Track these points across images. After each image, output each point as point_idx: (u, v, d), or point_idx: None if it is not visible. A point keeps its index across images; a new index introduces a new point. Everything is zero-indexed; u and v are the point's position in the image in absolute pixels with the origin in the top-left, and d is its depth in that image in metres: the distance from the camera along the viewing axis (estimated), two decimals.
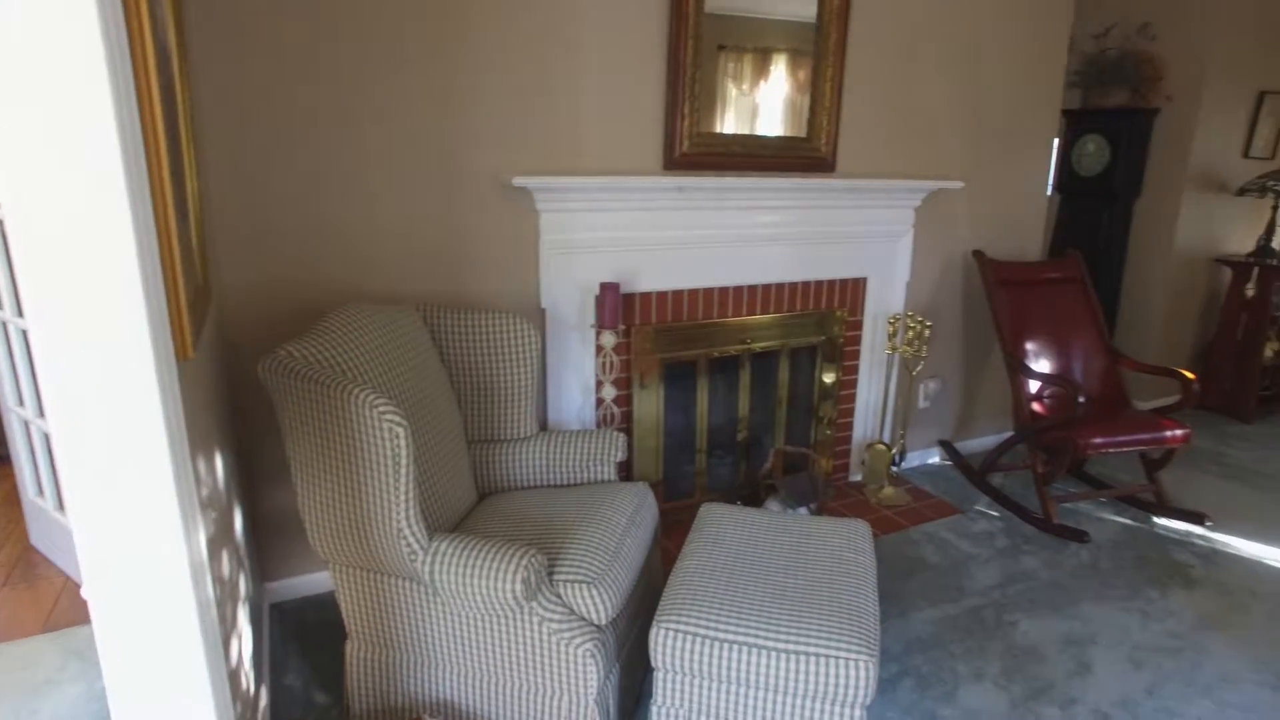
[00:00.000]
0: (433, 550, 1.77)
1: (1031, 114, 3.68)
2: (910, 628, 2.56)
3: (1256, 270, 4.57)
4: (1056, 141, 4.66)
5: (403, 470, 1.70)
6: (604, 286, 2.68)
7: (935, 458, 3.94)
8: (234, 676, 1.55)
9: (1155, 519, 3.40)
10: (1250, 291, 4.60)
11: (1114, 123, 4.61)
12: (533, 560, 1.76)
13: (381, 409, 1.66)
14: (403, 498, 1.72)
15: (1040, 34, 3.58)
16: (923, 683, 2.30)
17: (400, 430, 1.68)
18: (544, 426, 2.87)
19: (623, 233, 2.81)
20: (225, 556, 1.67)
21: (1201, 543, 3.20)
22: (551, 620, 1.82)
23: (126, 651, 1.10)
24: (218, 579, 1.50)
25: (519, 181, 2.51)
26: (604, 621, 1.87)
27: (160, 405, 1.02)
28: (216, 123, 2.19)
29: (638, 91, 2.73)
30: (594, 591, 1.84)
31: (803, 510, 2.95)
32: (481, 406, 2.44)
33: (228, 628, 1.56)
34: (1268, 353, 4.70)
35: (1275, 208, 4.58)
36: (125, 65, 1.00)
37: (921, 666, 2.37)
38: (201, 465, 1.48)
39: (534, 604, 1.80)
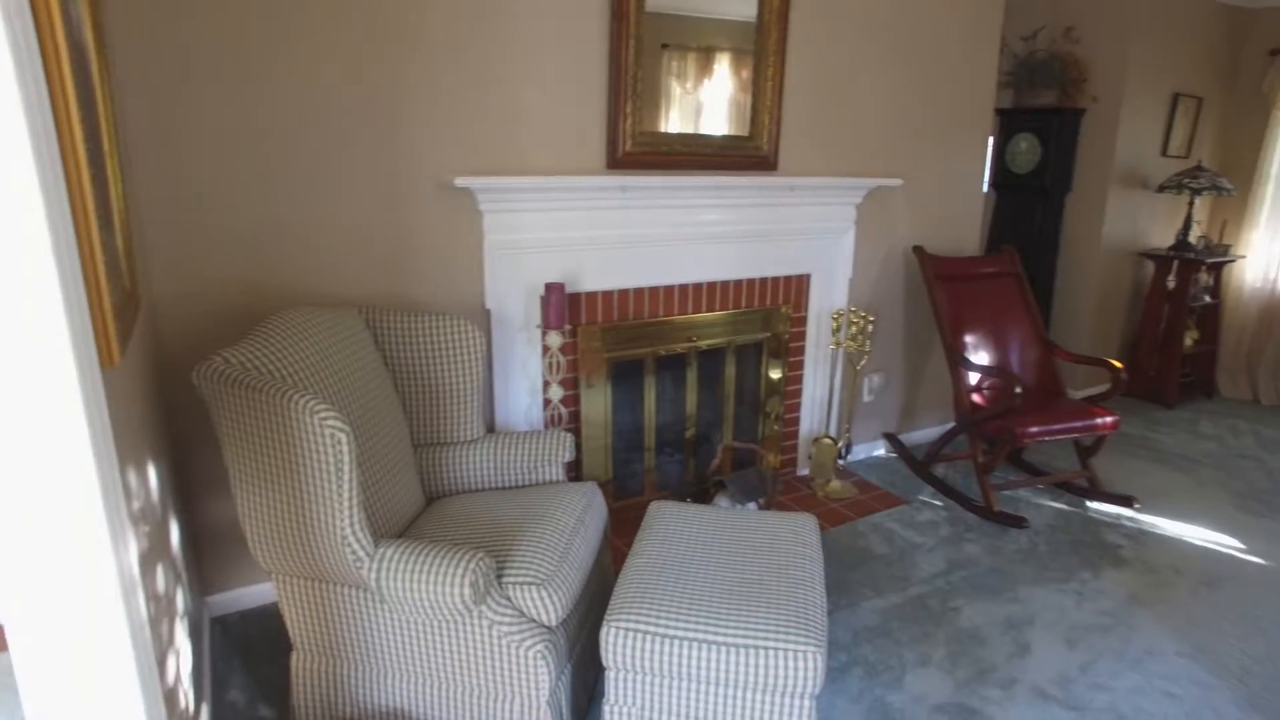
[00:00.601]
0: (379, 557, 1.74)
1: (967, 113, 3.78)
2: (858, 617, 2.61)
3: (1176, 263, 4.78)
4: (991, 140, 4.81)
5: (345, 477, 1.67)
6: (549, 287, 2.67)
7: (880, 450, 4.02)
8: (171, 695, 1.50)
9: (1088, 503, 3.53)
10: (1171, 284, 4.81)
11: (1044, 122, 4.78)
12: (481, 563, 1.74)
13: (322, 415, 1.63)
14: (346, 504, 1.68)
15: (973, 36, 3.68)
16: (871, 671, 2.35)
17: (342, 436, 1.65)
18: (491, 428, 2.84)
19: (567, 233, 2.80)
20: (160, 571, 1.61)
21: (1130, 524, 3.34)
22: (501, 623, 1.81)
23: (50, 677, 1.05)
24: (152, 595, 1.45)
25: (461, 182, 2.48)
26: (554, 622, 1.86)
27: (84, 414, 0.98)
28: (142, 123, 2.11)
29: (580, 91, 2.73)
30: (543, 593, 1.83)
31: (751, 506, 2.98)
32: (427, 410, 2.41)
33: (164, 645, 1.51)
34: (1187, 341, 4.92)
35: (1191, 204, 4.79)
36: (35, 65, 0.96)
37: (870, 655, 2.42)
38: (132, 477, 1.43)
39: (483, 607, 1.78)
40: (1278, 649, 2.53)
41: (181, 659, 1.72)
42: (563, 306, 2.70)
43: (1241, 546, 3.19)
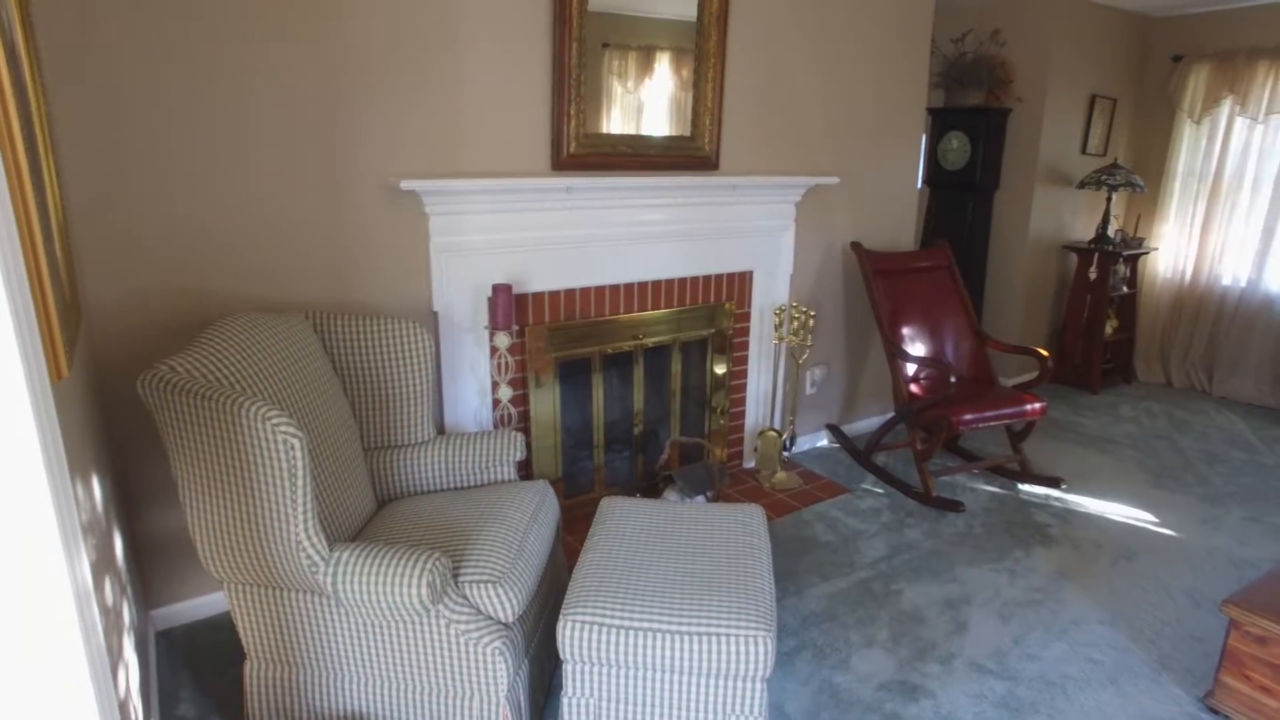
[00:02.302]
0: (334, 561, 1.74)
1: (900, 113, 3.92)
2: (806, 603, 2.70)
3: (1096, 255, 5.02)
4: (924, 138, 4.98)
5: (299, 482, 1.67)
6: (496, 288, 2.69)
7: (824, 441, 4.14)
8: (122, 709, 1.48)
9: (1020, 485, 3.70)
10: (1092, 275, 5.05)
11: (974, 121, 4.96)
12: (437, 563, 1.76)
13: (275, 421, 1.62)
14: (301, 510, 1.69)
15: (905, 38, 3.81)
16: (819, 654, 2.44)
17: (295, 441, 1.65)
18: (441, 430, 2.85)
19: (514, 234, 2.82)
20: (108, 584, 1.59)
21: (1058, 504, 3.52)
22: (459, 621, 1.83)
23: (6, 693, 1.04)
24: (102, 608, 1.43)
25: (407, 185, 2.48)
26: (511, 619, 1.89)
27: (37, 430, 0.98)
28: (75, 125, 2.06)
29: (524, 93, 2.75)
30: (499, 590, 1.86)
31: (700, 499, 3.05)
32: (377, 413, 2.40)
33: (114, 659, 1.49)
34: (1108, 330, 5.18)
35: (1109, 200, 5.05)
36: None
37: (817, 639, 2.51)
38: (80, 490, 1.41)
39: (440, 607, 1.81)
40: (1185, 613, 2.71)
41: (131, 673, 1.70)
42: (510, 307, 2.72)
43: (1155, 520, 3.39)
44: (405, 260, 2.65)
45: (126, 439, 2.31)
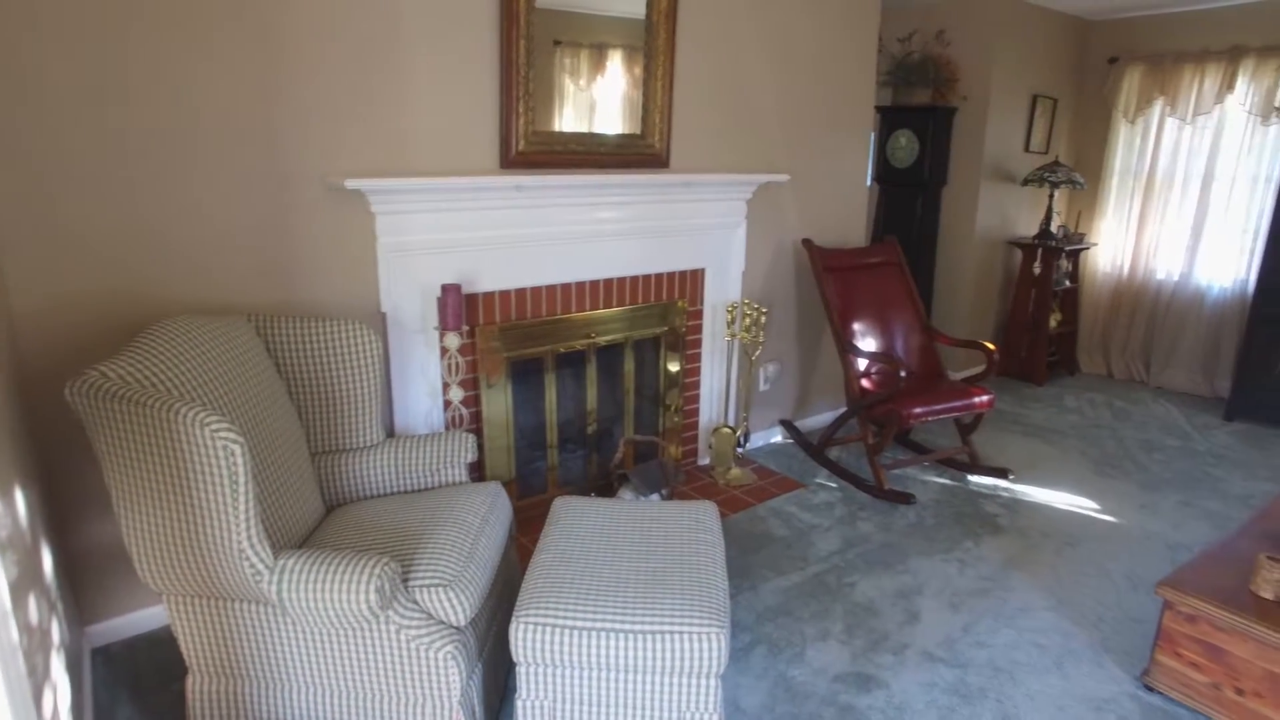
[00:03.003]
0: (279, 569, 1.70)
1: (849, 111, 3.97)
2: (761, 598, 2.72)
3: (1040, 251, 5.16)
4: (873, 136, 5.05)
5: (241, 489, 1.62)
6: (445, 288, 2.65)
7: (778, 436, 4.18)
8: None
9: (969, 477, 3.78)
10: (1037, 270, 5.19)
11: (921, 119, 5.05)
12: (386, 568, 1.73)
13: (214, 426, 1.57)
14: (243, 517, 1.64)
15: (853, 37, 3.86)
16: (774, 648, 2.46)
17: (236, 448, 1.60)
18: (392, 433, 2.80)
19: (463, 233, 2.79)
20: (32, 602, 1.53)
21: (1006, 494, 3.60)
22: (409, 626, 1.80)
23: None
24: (24, 628, 1.37)
25: (352, 184, 2.43)
26: (463, 622, 1.87)
27: None
28: None
29: (471, 91, 2.72)
30: (451, 594, 1.84)
31: (654, 497, 3.05)
32: (324, 417, 2.35)
33: (39, 680, 1.43)
34: (1052, 323, 5.32)
35: (1051, 197, 5.18)
36: None
37: (772, 634, 2.53)
38: None
39: (390, 612, 1.77)
40: (1125, 596, 2.79)
41: (60, 693, 1.64)
42: (460, 307, 2.68)
43: (1097, 507, 3.49)
44: (352, 261, 2.60)
45: (57, 450, 2.22)
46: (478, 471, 3.03)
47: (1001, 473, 3.76)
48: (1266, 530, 2.51)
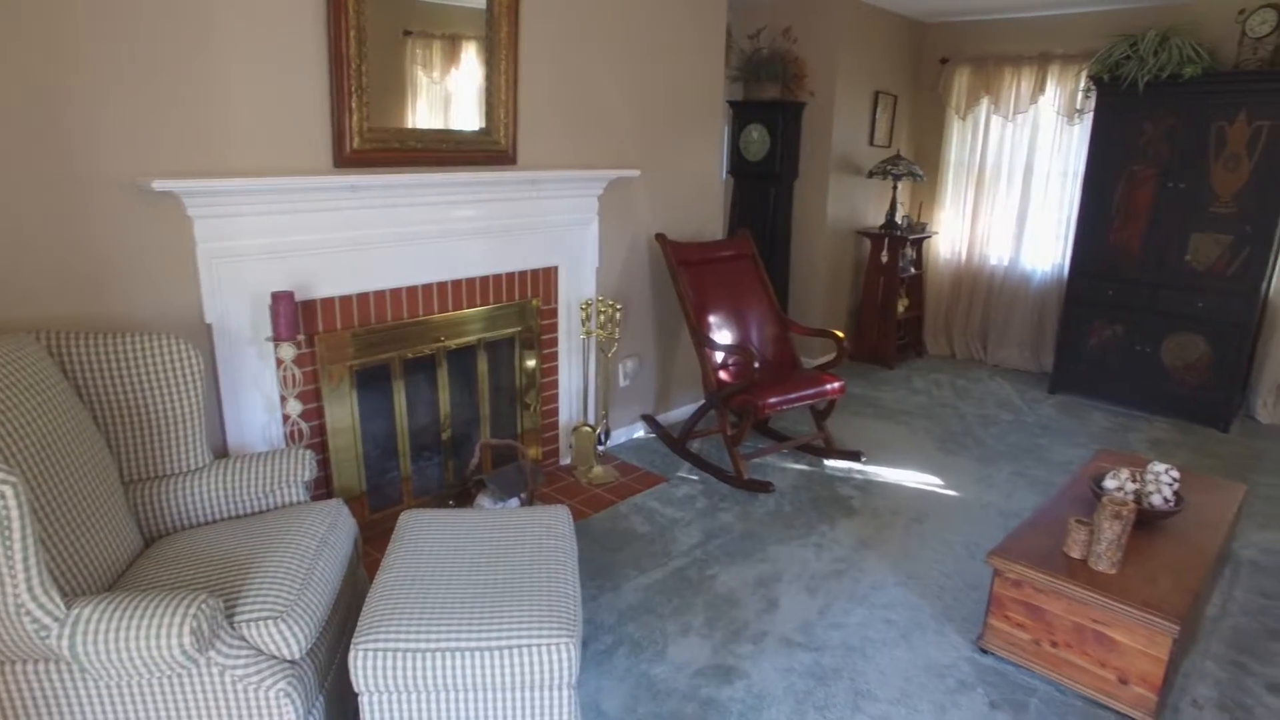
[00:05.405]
0: (71, 620, 1.52)
1: (700, 105, 4.01)
2: (622, 598, 2.71)
3: (887, 240, 5.43)
4: (726, 130, 5.15)
5: (16, 534, 1.44)
6: (276, 296, 2.48)
7: (640, 432, 4.20)
8: None
9: (825, 461, 3.93)
10: (884, 258, 5.46)
11: (772, 113, 5.19)
12: (203, 606, 1.58)
13: None
14: (20, 566, 1.46)
15: (700, 32, 3.91)
16: (635, 648, 2.45)
17: (7, 488, 1.42)
18: (225, 453, 2.60)
19: (298, 236, 2.61)
20: None
21: (859, 476, 3.76)
22: (236, 666, 1.67)
23: None
24: None
25: (161, 185, 2.22)
26: (298, 655, 1.75)
27: None
28: None
29: (296, 87, 2.54)
30: (283, 625, 1.71)
31: (514, 501, 2.99)
32: (138, 441, 2.15)
33: None
34: (900, 309, 5.62)
35: (894, 188, 5.46)
36: None
37: (634, 633, 2.53)
38: None
39: (211, 653, 1.63)
40: (964, 565, 2.98)
41: None
42: (294, 315, 2.52)
43: (941, 483, 3.71)
44: (167, 269, 2.38)
45: None
46: (325, 487, 2.86)
47: (854, 455, 3.93)
48: (1076, 496, 2.74)
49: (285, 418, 2.69)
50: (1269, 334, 4.62)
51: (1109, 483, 2.52)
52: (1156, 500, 2.51)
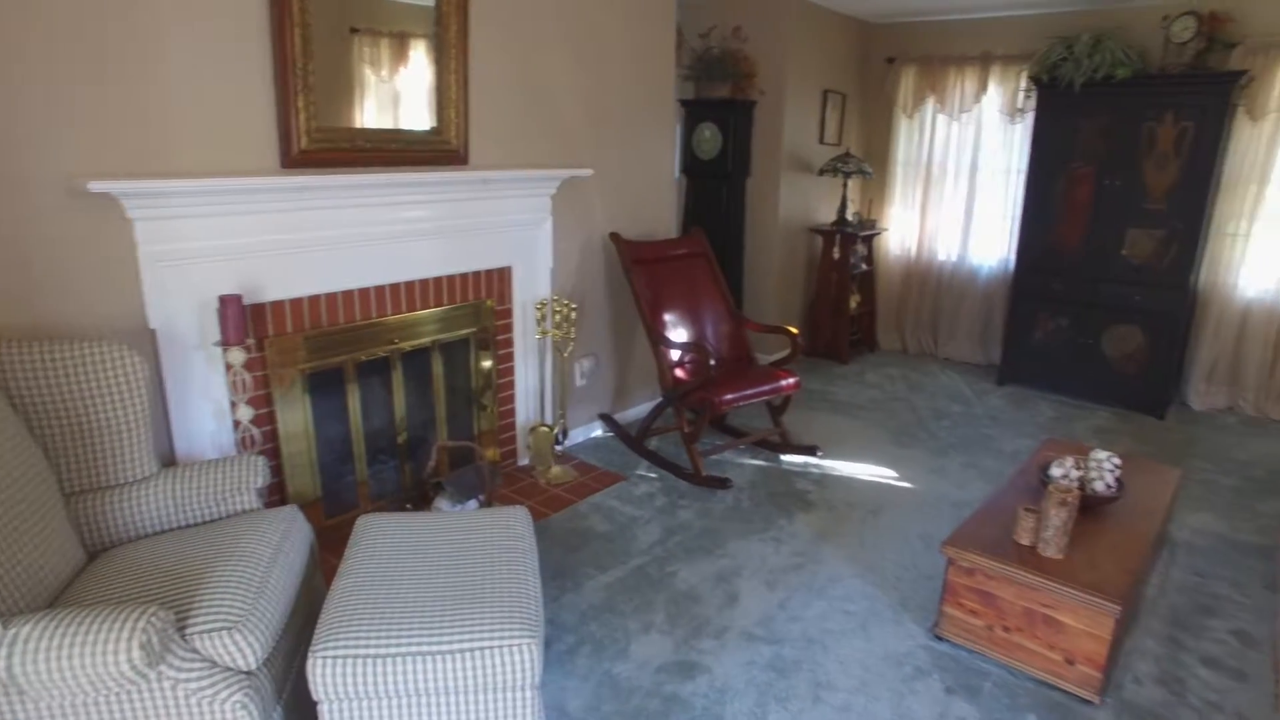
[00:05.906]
0: (9, 640, 1.47)
1: (651, 104, 4.02)
2: (583, 597, 2.71)
3: (838, 237, 5.51)
4: (679, 128, 5.18)
5: None
6: (224, 299, 2.42)
7: (598, 431, 4.19)
8: None
9: (782, 456, 3.97)
10: (836, 255, 5.54)
11: (723, 112, 5.24)
12: (153, 619, 1.54)
13: None
14: None
15: (651, 31, 3.92)
16: (598, 647, 2.45)
17: None
18: (172, 461, 2.52)
19: (244, 239, 2.55)
20: None
21: (816, 471, 3.82)
22: (189, 680, 1.63)
23: None
24: None
25: (98, 187, 2.15)
26: (254, 665, 1.71)
27: None
28: None
29: (241, 85, 2.48)
30: (237, 636, 1.68)
31: (472, 504, 2.96)
32: (79, 451, 2.08)
33: None
34: (853, 304, 5.71)
35: (845, 186, 5.55)
36: None
37: (596, 632, 2.53)
38: None
39: (162, 668, 1.59)
40: (919, 556, 3.05)
41: None
42: (243, 319, 2.46)
43: (896, 475, 3.79)
44: (107, 273, 2.31)
45: None
46: (279, 494, 2.80)
47: (811, 450, 3.99)
48: (1024, 485, 2.82)
49: (236, 424, 2.62)
50: (1199, 325, 4.81)
51: (1055, 471, 2.60)
52: (1099, 486, 2.60)
